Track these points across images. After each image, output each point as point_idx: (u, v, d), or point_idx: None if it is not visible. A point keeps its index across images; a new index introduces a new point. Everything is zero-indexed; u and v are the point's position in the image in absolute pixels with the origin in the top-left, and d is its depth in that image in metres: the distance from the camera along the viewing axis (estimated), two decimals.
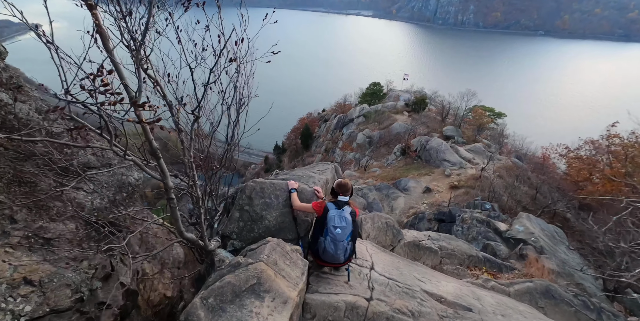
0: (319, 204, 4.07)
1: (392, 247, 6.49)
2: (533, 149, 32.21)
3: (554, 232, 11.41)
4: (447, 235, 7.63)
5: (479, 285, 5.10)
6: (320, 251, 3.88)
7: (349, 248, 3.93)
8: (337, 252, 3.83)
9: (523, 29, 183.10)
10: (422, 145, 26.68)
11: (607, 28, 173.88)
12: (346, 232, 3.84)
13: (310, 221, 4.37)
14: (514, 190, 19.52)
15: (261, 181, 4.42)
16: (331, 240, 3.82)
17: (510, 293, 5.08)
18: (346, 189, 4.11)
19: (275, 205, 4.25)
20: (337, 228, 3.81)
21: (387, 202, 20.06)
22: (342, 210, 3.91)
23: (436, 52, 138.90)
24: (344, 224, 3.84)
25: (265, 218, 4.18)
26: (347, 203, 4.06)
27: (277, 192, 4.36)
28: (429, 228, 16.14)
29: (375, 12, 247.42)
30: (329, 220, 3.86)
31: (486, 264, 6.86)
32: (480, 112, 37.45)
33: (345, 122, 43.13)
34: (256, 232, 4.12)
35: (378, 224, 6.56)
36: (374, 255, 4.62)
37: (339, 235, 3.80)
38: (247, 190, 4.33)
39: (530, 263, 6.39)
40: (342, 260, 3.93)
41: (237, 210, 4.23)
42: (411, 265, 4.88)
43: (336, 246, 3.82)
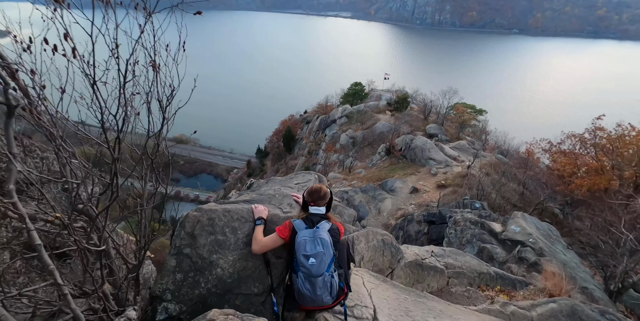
0: (284, 226, 2.92)
1: (391, 270, 5.62)
2: (515, 145, 32.36)
3: (548, 231, 10.92)
4: (453, 250, 6.80)
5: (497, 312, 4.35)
6: (296, 294, 2.73)
7: (335, 283, 2.73)
8: (317, 293, 2.66)
9: (498, 28, 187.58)
10: (406, 144, 26.20)
11: (577, 26, 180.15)
12: (325, 261, 2.68)
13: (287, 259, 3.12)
14: (501, 187, 19.18)
15: (209, 209, 3.03)
16: (305, 276, 2.66)
17: (534, 318, 4.36)
18: (320, 196, 2.97)
19: (231, 244, 2.92)
20: (309, 257, 2.65)
21: (374, 204, 19.37)
22: (315, 229, 2.78)
23: (415, 51, 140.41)
24: (320, 249, 2.68)
25: (216, 265, 2.82)
26: (324, 218, 2.93)
27: (235, 223, 2.99)
28: (419, 231, 15.53)
29: (353, 13, 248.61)
30: (297, 248, 2.74)
31: (499, 282, 6.11)
32: (462, 109, 37.48)
33: (327, 123, 42.51)
34: (203, 288, 2.74)
35: (373, 243, 5.66)
36: (375, 293, 3.57)
37: (314, 267, 2.64)
38: (187, 224, 2.92)
39: (547, 277, 5.73)
40: (327, 301, 2.74)
41: (174, 256, 2.83)
42: (421, 299, 3.97)
43: (313, 285, 2.65)
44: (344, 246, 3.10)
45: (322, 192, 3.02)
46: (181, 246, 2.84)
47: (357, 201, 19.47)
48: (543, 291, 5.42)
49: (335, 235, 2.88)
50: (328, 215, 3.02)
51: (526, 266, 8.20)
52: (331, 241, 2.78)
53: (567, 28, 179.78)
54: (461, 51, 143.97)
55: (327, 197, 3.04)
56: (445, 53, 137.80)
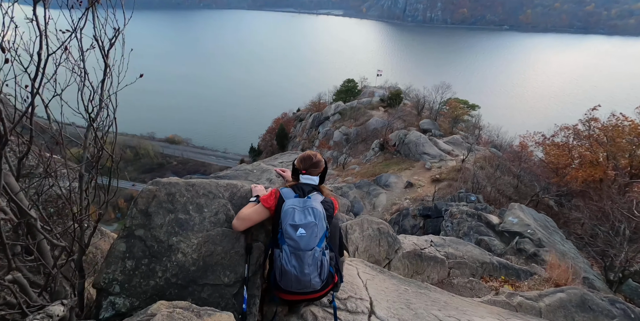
0: (269, 194, 2.49)
1: (388, 261, 5.32)
2: (508, 139, 32.37)
3: (545, 222, 10.75)
4: (454, 239, 6.50)
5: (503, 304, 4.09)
6: (278, 275, 2.26)
7: (325, 262, 2.28)
8: (304, 271, 2.20)
9: (489, 24, 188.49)
10: (400, 139, 25.99)
11: (567, 21, 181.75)
12: (316, 233, 2.25)
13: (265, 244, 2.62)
14: (496, 180, 19.06)
15: (169, 182, 2.52)
16: (291, 250, 2.22)
17: (542, 309, 4.09)
18: (313, 163, 2.58)
19: (196, 224, 2.41)
20: (298, 227, 2.24)
21: (369, 199, 19.14)
22: (306, 199, 2.39)
23: (408, 48, 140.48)
24: (311, 219, 2.27)
25: (176, 249, 2.31)
26: (316, 189, 2.54)
27: (201, 199, 2.49)
28: (415, 225, 15.32)
29: (345, 11, 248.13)
30: (283, 217, 2.30)
31: (502, 272, 5.84)
32: (455, 104, 37.47)
33: (320, 121, 42.25)
34: (160, 278, 2.23)
35: (368, 232, 5.34)
36: (371, 285, 3.23)
37: (303, 239, 2.22)
38: (140, 200, 2.42)
39: (552, 266, 5.49)
40: (316, 284, 2.26)
41: (123, 239, 2.31)
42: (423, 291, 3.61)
43: (301, 260, 2.20)
44: (336, 229, 2.67)
45: (316, 159, 2.63)
46: (132, 227, 2.33)
47: (352, 197, 19.21)
48: (548, 281, 5.18)
49: (329, 208, 2.46)
50: (321, 187, 2.62)
51: (525, 258, 8.00)
52: (324, 214, 2.38)
53: (556, 24, 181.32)
54: (453, 48, 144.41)
55: (321, 166, 2.64)
56: (437, 50, 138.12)
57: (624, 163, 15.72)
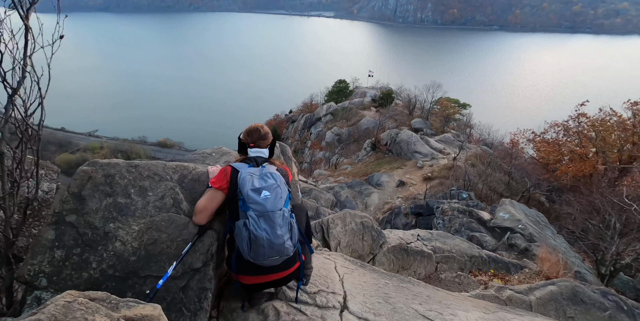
0: (219, 173, 2.29)
1: (372, 256, 5.12)
2: (499, 137, 32.50)
3: (537, 217, 10.66)
4: (441, 233, 6.31)
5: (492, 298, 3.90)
6: (246, 247, 2.03)
7: (294, 225, 2.16)
8: (277, 232, 2.04)
9: (479, 25, 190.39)
10: (392, 138, 25.90)
11: (555, 21, 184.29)
12: (280, 195, 2.14)
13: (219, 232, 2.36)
14: (487, 177, 19.03)
15: (108, 162, 2.26)
16: (258, 214, 2.04)
17: (532, 302, 3.91)
18: (261, 136, 2.46)
19: (138, 209, 2.17)
20: (261, 190, 2.10)
21: (361, 198, 18.97)
22: (262, 168, 2.27)
23: (399, 49, 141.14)
24: (272, 181, 2.16)
25: (114, 237, 2.07)
26: (268, 161, 2.42)
27: (145, 182, 2.25)
28: (407, 223, 15.17)
29: (336, 12, 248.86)
30: (242, 185, 2.14)
31: (492, 265, 5.66)
32: (446, 103, 37.60)
33: (312, 121, 42.14)
34: (94, 269, 1.98)
35: (351, 226, 5.13)
36: (348, 279, 3.04)
37: (268, 200, 2.08)
38: (73, 182, 2.15)
39: (542, 259, 5.32)
40: (289, 248, 2.10)
41: (52, 226, 2.04)
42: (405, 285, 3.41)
43: (272, 221, 2.04)
44: (302, 212, 2.56)
45: (263, 131, 2.50)
46: (63, 213, 2.04)
47: (344, 196, 19.03)
48: (539, 274, 5.02)
49: (285, 176, 2.35)
50: (272, 160, 2.48)
51: (517, 253, 7.86)
52: (283, 180, 2.27)
53: (545, 23, 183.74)
54: (444, 48, 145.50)
55: (269, 138, 2.52)
56: (428, 50, 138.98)
57: (613, 158, 15.77)
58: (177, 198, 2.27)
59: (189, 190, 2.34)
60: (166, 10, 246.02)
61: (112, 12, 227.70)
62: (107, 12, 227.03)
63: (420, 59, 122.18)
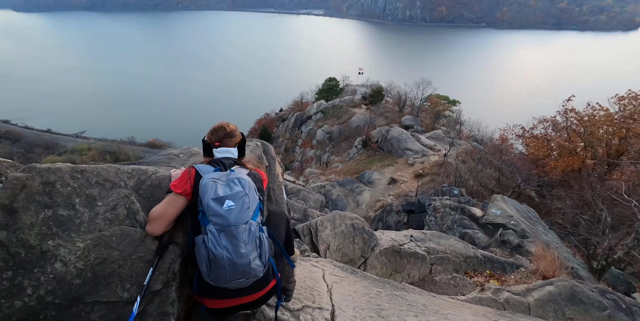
0: (181, 176, 1.98)
1: (364, 259, 4.91)
2: (489, 133, 32.68)
3: (528, 213, 10.61)
4: (435, 233, 6.14)
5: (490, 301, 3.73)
6: (205, 268, 1.74)
7: (265, 240, 1.84)
8: (240, 250, 1.72)
9: (467, 22, 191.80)
10: (382, 135, 25.80)
11: (541, 18, 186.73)
12: (248, 204, 1.82)
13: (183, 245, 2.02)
14: (478, 173, 19.04)
15: (48, 168, 1.87)
16: (219, 229, 1.73)
17: (531, 304, 3.76)
18: (227, 134, 2.14)
19: (84, 223, 1.82)
20: (224, 200, 1.78)
21: (352, 197, 18.81)
22: (229, 172, 1.95)
23: (388, 47, 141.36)
24: (239, 189, 1.83)
25: (54, 257, 1.73)
26: (238, 163, 2.10)
27: (94, 189, 1.89)
28: (399, 221, 15.04)
29: (326, 10, 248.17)
30: (202, 193, 1.83)
31: (487, 265, 5.51)
32: (436, 100, 37.69)
33: (303, 120, 41.87)
34: (30, 296, 1.65)
35: (341, 228, 4.89)
36: (337, 289, 2.78)
37: (232, 212, 1.76)
38: (3, 193, 1.77)
39: (538, 257, 5.20)
40: (257, 269, 1.78)
41: None
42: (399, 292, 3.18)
43: (234, 238, 1.72)
44: (281, 219, 2.29)
45: (230, 129, 2.18)
46: None
47: (335, 195, 18.85)
48: (535, 273, 4.89)
49: (257, 181, 2.04)
50: (243, 161, 2.17)
51: (509, 250, 7.76)
52: (254, 186, 1.95)
53: (531, 20, 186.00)
54: (433, 45, 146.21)
55: (237, 136, 2.20)
56: (417, 47, 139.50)
57: (601, 152, 15.88)
58: (133, 207, 1.94)
59: (148, 198, 2.01)
60: (153, 9, 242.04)
61: (98, 11, 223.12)
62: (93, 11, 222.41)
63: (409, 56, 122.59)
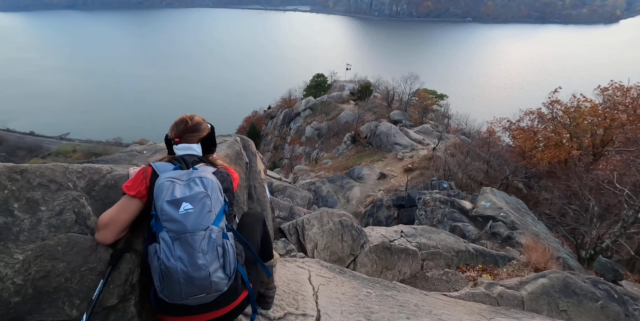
0: (136, 176, 1.72)
1: (353, 257, 4.77)
2: (477, 126, 32.97)
3: (517, 204, 10.65)
4: (426, 227, 6.02)
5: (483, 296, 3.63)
6: (159, 282, 1.52)
7: (229, 248, 1.60)
8: (197, 261, 1.48)
9: (453, 17, 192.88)
10: (371, 130, 25.75)
11: (525, 12, 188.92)
12: (209, 207, 1.58)
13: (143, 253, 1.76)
14: (467, 166, 19.13)
15: None
16: (173, 236, 1.50)
17: (524, 298, 3.69)
18: (188, 128, 1.88)
19: (24, 231, 1.56)
20: (180, 202, 1.54)
21: (342, 193, 18.72)
22: (192, 170, 1.70)
23: (375, 42, 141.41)
24: (200, 189, 1.59)
25: None
26: (203, 160, 1.84)
27: (36, 192, 1.64)
28: (389, 216, 15.00)
29: (312, 7, 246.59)
30: (157, 195, 1.58)
31: (479, 259, 5.44)
32: (423, 95, 37.79)
33: (292, 117, 41.60)
34: None
35: (329, 226, 4.73)
36: (324, 292, 2.61)
37: (189, 217, 1.52)
38: None
39: (529, 248, 5.14)
40: (219, 282, 1.54)
41: None
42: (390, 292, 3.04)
43: (190, 247, 1.49)
44: (256, 221, 2.05)
45: (193, 122, 1.89)
46: None
47: (325, 191, 18.71)
48: (527, 265, 4.83)
49: (225, 180, 1.78)
50: (210, 159, 1.91)
51: (500, 242, 7.74)
52: (220, 186, 1.70)
53: (516, 14, 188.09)
54: (419, 40, 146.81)
55: (202, 130, 1.91)
56: (404, 42, 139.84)
57: (587, 143, 16.08)
58: (83, 212, 1.69)
59: (102, 201, 1.77)
60: (136, 7, 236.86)
61: (79, 10, 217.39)
62: (74, 10, 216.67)
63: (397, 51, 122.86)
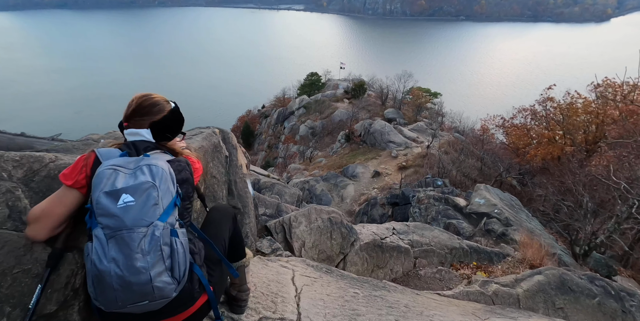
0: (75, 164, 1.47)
1: (343, 256, 4.61)
2: (470, 124, 33.04)
3: (511, 201, 10.56)
4: (419, 224, 5.85)
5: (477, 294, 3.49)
6: (92, 290, 1.26)
7: (178, 247, 1.33)
8: (135, 264, 1.22)
9: (446, 15, 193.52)
10: (365, 129, 25.62)
11: (518, 10, 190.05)
12: (155, 199, 1.33)
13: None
14: (461, 164, 19.09)
15: None
16: (109, 234, 1.25)
17: (520, 295, 3.55)
18: (134, 110, 1.61)
19: None
20: (119, 194, 1.29)
21: (336, 191, 18.57)
22: (142, 157, 1.47)
23: (369, 41, 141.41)
24: (146, 179, 1.35)
25: None
26: (160, 147, 1.60)
27: None
28: (383, 214, 14.89)
29: (306, 5, 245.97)
30: (95, 186, 1.34)
31: (474, 256, 5.29)
32: (417, 93, 37.79)
33: (286, 116, 41.34)
34: None
35: (317, 223, 4.54)
36: (307, 293, 2.42)
37: (129, 210, 1.28)
38: None
39: (524, 245, 5.02)
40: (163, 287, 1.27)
41: None
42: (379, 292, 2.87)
43: (126, 246, 1.24)
44: (224, 217, 1.82)
45: (146, 103, 1.61)
46: None
47: (319, 190, 18.56)
48: (522, 262, 4.70)
49: (183, 170, 1.53)
50: (168, 145, 1.65)
51: (494, 238, 7.63)
52: (173, 176, 1.45)
53: (508, 13, 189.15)
54: (413, 39, 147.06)
55: (156, 114, 1.61)
56: (398, 41, 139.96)
57: (580, 139, 16.10)
58: (18, 205, 1.48)
59: (43, 193, 1.54)
60: (129, 6, 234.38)
61: (71, 9, 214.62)
62: (65, 9, 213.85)
63: (391, 50, 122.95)
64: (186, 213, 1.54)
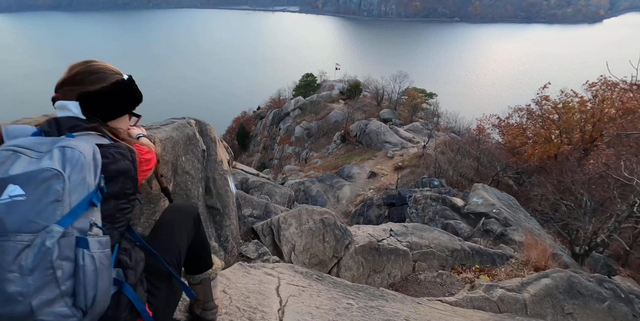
0: None
1: (336, 260, 4.34)
2: (466, 124, 32.98)
3: (509, 200, 10.38)
4: (417, 225, 5.56)
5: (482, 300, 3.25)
6: None
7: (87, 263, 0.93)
8: (7, 289, 0.83)
9: (441, 17, 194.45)
10: (361, 129, 25.43)
11: (512, 12, 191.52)
12: (58, 194, 0.92)
13: None
14: (457, 163, 18.94)
15: None
16: None
17: (527, 301, 3.32)
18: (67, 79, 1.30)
19: None
20: (4, 185, 0.91)
21: (332, 192, 18.33)
22: (62, 138, 1.09)
23: (365, 42, 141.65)
24: (48, 165, 0.95)
25: None
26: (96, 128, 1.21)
27: None
28: (380, 215, 14.66)
29: (301, 7, 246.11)
30: None
31: (476, 259, 5.04)
32: (413, 93, 37.77)
33: (281, 117, 41.10)
34: None
35: (308, 225, 4.27)
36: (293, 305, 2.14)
37: (12, 208, 0.88)
38: None
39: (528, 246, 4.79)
40: (48, 319, 0.87)
41: None
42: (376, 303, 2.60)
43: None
44: (185, 218, 1.49)
45: (85, 70, 1.30)
46: None
47: (315, 191, 18.31)
48: (527, 264, 4.47)
49: (122, 159, 1.18)
50: (112, 128, 1.30)
51: (493, 239, 7.42)
52: (99, 164, 1.08)
53: (503, 14, 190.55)
54: (408, 40, 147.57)
55: (90, 83, 1.28)
56: (393, 42, 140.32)
57: (577, 138, 16.00)
58: None
59: None
60: (123, 8, 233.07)
61: (64, 11, 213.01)
62: (59, 11, 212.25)
63: (386, 51, 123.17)
64: (121, 216, 1.18)
